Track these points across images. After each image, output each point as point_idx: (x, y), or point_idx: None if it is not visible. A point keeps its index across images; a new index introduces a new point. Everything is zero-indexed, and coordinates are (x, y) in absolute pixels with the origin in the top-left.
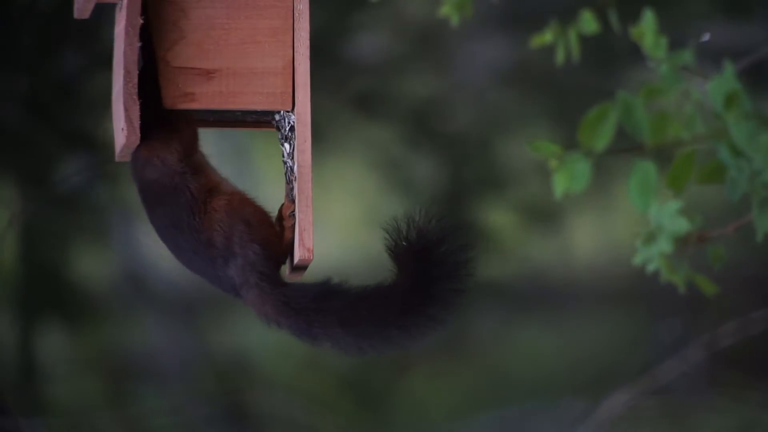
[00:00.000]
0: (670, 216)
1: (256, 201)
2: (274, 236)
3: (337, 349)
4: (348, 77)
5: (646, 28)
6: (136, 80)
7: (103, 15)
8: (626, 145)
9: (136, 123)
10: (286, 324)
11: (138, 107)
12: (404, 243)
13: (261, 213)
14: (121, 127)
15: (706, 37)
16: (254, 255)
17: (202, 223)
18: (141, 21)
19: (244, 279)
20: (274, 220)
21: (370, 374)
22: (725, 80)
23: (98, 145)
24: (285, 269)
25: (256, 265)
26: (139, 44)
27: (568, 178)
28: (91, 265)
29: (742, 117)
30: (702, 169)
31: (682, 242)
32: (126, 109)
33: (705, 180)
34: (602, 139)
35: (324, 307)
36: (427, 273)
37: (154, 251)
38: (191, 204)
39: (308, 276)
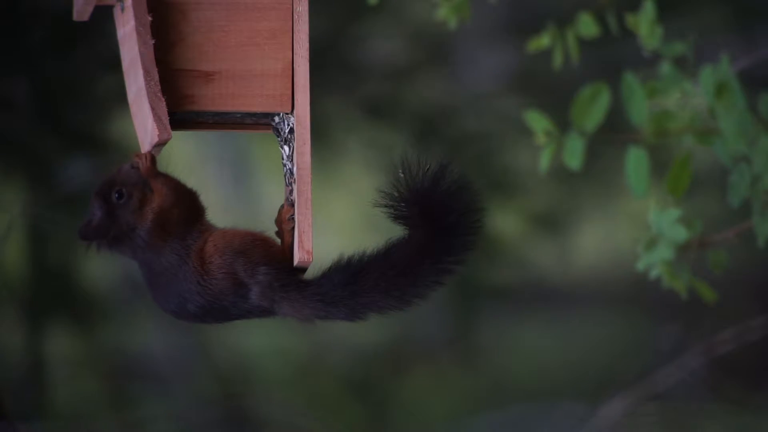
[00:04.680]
0: (669, 224)
1: (236, 227)
2: (272, 248)
3: (385, 313)
4: (356, 81)
5: (643, 18)
6: (157, 78)
7: (108, 18)
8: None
9: (165, 120)
10: (329, 317)
11: (164, 104)
12: (402, 204)
13: (247, 235)
14: (150, 127)
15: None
16: (265, 276)
17: (208, 282)
18: (150, 18)
19: (270, 300)
20: (260, 232)
21: (370, 377)
22: (718, 70)
23: (102, 148)
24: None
25: (273, 283)
26: (152, 41)
27: (554, 154)
28: (94, 269)
29: (732, 107)
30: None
31: (683, 248)
32: (153, 108)
33: (697, 142)
34: (594, 118)
35: (358, 290)
36: (436, 215)
37: None
38: (193, 273)
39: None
